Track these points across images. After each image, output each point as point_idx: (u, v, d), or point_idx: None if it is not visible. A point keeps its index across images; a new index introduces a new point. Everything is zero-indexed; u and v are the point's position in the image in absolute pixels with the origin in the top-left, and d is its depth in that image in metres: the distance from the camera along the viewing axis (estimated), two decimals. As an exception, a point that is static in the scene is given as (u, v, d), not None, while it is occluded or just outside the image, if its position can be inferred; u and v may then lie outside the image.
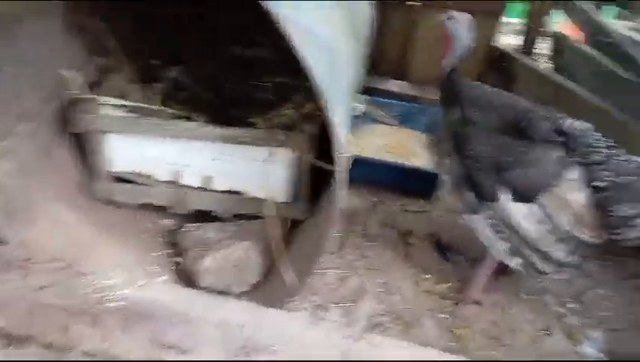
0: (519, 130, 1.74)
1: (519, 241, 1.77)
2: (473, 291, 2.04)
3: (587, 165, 1.67)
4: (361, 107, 2.87)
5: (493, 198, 1.77)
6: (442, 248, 2.30)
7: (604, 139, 1.71)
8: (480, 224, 1.83)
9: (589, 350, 1.90)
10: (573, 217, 1.69)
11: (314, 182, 2.02)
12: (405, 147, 2.79)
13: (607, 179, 1.65)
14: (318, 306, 1.97)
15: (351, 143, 1.69)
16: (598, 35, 2.71)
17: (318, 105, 1.41)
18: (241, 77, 2.46)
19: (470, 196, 1.83)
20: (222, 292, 1.88)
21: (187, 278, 1.96)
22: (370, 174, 2.58)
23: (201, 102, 2.30)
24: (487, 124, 1.80)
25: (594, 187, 1.66)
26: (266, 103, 2.25)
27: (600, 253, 2.29)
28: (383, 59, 3.27)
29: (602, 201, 1.66)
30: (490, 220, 1.80)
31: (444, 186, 2.19)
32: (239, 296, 1.89)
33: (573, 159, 1.68)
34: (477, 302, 2.05)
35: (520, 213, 1.74)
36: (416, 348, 1.66)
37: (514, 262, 1.81)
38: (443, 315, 2.01)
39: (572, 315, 2.06)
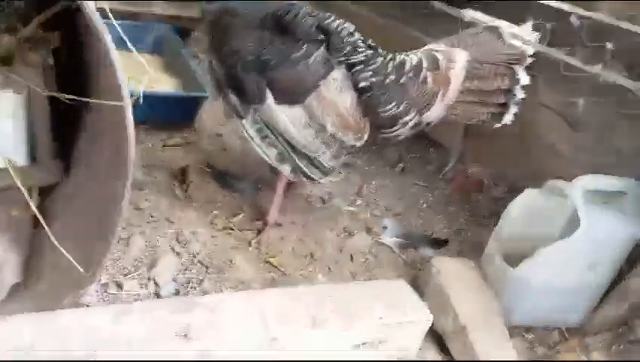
0: (282, 26, 1.60)
1: (286, 146, 1.68)
2: (272, 214, 1.89)
3: (351, 66, 1.62)
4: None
5: (259, 100, 1.62)
6: (222, 177, 2.05)
7: (367, 40, 1.67)
8: (248, 130, 1.68)
9: (390, 239, 1.97)
10: (337, 119, 1.64)
11: (62, 132, 1.50)
12: (138, 72, 2.35)
13: (371, 79, 1.61)
14: (104, 285, 1.54)
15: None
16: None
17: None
18: None
19: (234, 99, 1.66)
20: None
21: None
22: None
23: None
24: (248, 17, 1.62)
25: (359, 88, 1.62)
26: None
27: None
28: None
29: (369, 102, 1.63)
30: (257, 125, 1.67)
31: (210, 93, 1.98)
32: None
33: (337, 59, 1.61)
34: (278, 224, 1.91)
35: (285, 116, 1.63)
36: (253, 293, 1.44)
37: (284, 169, 1.72)
38: (250, 248, 1.81)
39: (362, 211, 2.11)
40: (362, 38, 1.67)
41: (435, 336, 1.63)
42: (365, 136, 1.69)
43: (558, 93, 1.79)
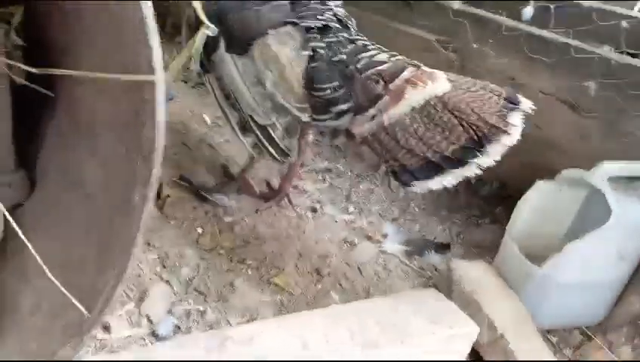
0: None
1: (243, 110, 1.50)
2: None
3: (307, 29, 1.43)
4: None
5: (211, 48, 1.49)
6: (199, 191, 1.78)
7: (346, 18, 1.50)
8: (213, 86, 1.55)
9: (394, 246, 1.80)
10: (280, 79, 1.44)
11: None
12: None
13: (321, 51, 1.41)
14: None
15: None
16: None
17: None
18: None
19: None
20: None
21: None
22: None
23: None
24: None
25: (307, 56, 1.42)
26: None
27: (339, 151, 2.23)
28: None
29: (309, 73, 1.41)
30: (219, 82, 1.53)
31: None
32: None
33: (296, 18, 1.45)
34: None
35: (235, 69, 1.48)
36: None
37: (246, 142, 1.54)
38: (249, 271, 1.56)
39: (357, 218, 1.92)
40: (340, 13, 1.50)
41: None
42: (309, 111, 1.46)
43: (563, 77, 1.71)
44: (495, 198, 2.12)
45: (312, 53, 1.42)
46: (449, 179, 1.31)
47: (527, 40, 1.72)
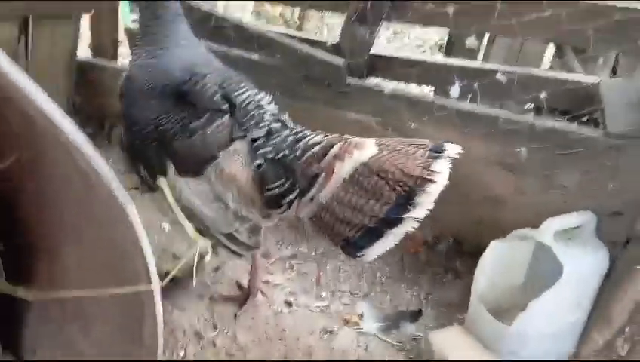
0: (183, 94, 1.51)
1: (199, 221, 1.56)
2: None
3: (253, 140, 1.51)
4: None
5: (160, 172, 1.54)
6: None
7: (281, 114, 1.59)
8: (167, 198, 1.57)
9: (371, 325, 1.87)
10: (239, 194, 1.51)
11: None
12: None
13: (267, 155, 1.48)
14: None
15: None
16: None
17: None
18: None
19: (143, 171, 1.60)
20: None
21: None
22: None
23: None
24: (148, 84, 1.54)
25: (256, 166, 1.49)
26: None
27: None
28: None
29: (259, 177, 1.49)
30: (175, 193, 1.55)
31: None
32: None
33: (240, 132, 1.51)
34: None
35: (189, 189, 1.53)
36: None
37: (204, 245, 1.61)
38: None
39: (331, 303, 1.98)
40: (275, 112, 1.57)
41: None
42: (275, 217, 1.54)
43: (496, 145, 1.87)
44: (452, 253, 2.25)
45: (258, 162, 1.48)
46: (391, 240, 1.37)
47: (459, 115, 1.87)
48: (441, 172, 1.31)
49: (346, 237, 1.39)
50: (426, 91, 2.77)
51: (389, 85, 2.04)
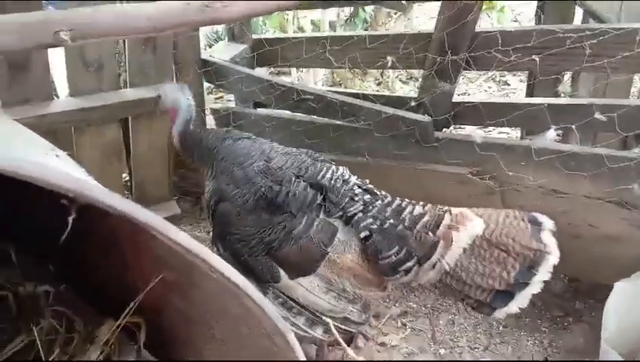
0: (276, 204, 1.58)
1: (313, 312, 1.64)
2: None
3: (351, 217, 1.58)
4: None
5: (273, 280, 1.60)
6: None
7: (364, 183, 1.66)
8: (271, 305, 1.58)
9: None
10: (355, 278, 1.60)
11: None
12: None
13: (371, 226, 1.56)
14: None
15: None
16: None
17: None
18: None
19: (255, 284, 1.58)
20: None
21: None
22: None
23: None
24: (239, 200, 1.60)
25: (363, 238, 1.57)
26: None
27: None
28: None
29: (370, 248, 1.56)
30: (279, 299, 1.63)
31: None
32: None
33: (337, 213, 1.58)
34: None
35: (303, 288, 1.60)
36: None
37: (317, 332, 1.65)
38: None
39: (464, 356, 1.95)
40: (358, 181, 1.64)
41: None
42: (389, 286, 1.67)
43: (604, 182, 1.80)
44: (569, 293, 2.17)
45: (365, 234, 1.56)
46: (522, 301, 1.51)
47: (560, 157, 1.82)
48: (551, 244, 1.50)
49: (478, 299, 1.54)
50: (512, 135, 2.73)
51: (480, 133, 2.02)
